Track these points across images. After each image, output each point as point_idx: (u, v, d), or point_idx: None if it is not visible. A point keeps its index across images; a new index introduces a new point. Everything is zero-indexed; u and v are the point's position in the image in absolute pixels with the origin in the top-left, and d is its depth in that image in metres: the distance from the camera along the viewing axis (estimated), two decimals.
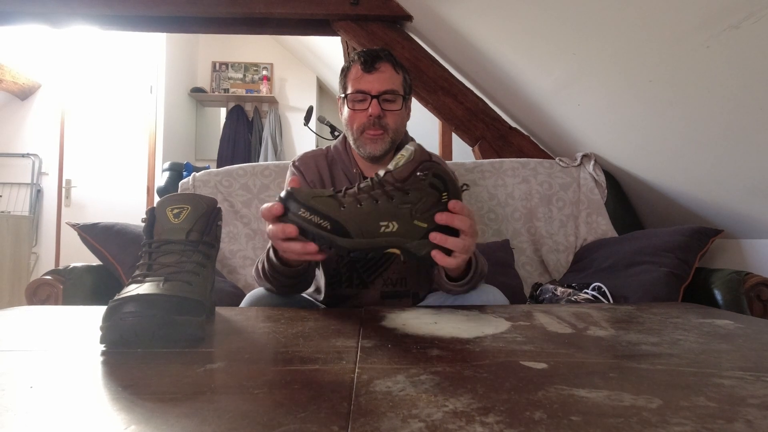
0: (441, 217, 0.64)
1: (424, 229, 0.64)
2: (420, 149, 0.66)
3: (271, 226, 0.65)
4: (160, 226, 0.61)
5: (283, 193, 0.63)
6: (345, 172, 1.07)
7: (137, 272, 0.57)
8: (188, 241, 0.60)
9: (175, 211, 0.61)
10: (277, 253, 0.76)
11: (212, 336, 0.57)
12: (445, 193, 0.65)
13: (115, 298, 0.52)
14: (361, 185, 0.64)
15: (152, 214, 0.62)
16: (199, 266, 0.59)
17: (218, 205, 0.67)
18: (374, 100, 0.97)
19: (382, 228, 0.62)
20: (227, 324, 0.63)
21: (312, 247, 0.63)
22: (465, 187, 0.70)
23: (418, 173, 0.63)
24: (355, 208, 0.62)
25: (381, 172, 0.65)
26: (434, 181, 0.64)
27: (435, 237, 0.64)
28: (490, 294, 0.87)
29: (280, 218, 0.63)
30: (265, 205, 0.64)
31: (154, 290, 0.52)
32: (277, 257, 0.77)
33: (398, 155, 0.66)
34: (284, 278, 0.80)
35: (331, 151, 1.10)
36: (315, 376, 0.41)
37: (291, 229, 0.61)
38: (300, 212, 0.61)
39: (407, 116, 1.07)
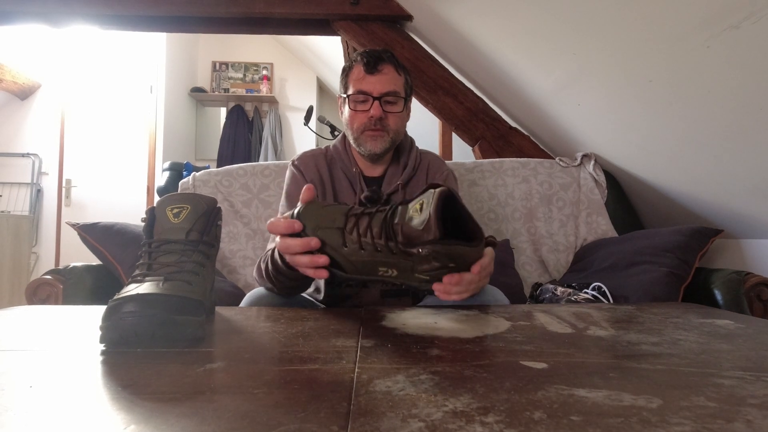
0: (438, 288, 0.60)
1: (425, 280, 0.60)
2: (437, 208, 0.55)
3: (281, 239, 0.65)
4: (160, 225, 0.61)
5: (296, 211, 0.64)
6: (344, 171, 1.07)
7: (137, 272, 0.57)
8: (188, 240, 0.60)
9: (175, 210, 0.61)
10: (284, 259, 0.76)
11: (212, 336, 0.57)
12: (452, 264, 0.58)
13: (115, 297, 0.52)
14: (369, 217, 0.61)
15: (152, 214, 0.62)
16: (198, 266, 0.59)
17: (218, 205, 0.67)
18: (376, 102, 0.97)
19: (381, 272, 0.61)
20: (227, 324, 0.63)
21: (323, 259, 0.62)
22: (491, 239, 0.65)
23: (425, 248, 0.56)
24: (356, 252, 0.61)
25: (395, 218, 0.59)
26: (442, 259, 0.57)
27: (438, 289, 0.60)
28: (490, 294, 0.87)
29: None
30: (278, 220, 0.64)
31: (154, 290, 0.52)
32: (284, 262, 0.77)
33: (417, 202, 0.58)
34: (288, 281, 0.79)
35: (331, 150, 1.11)
36: (315, 375, 0.41)
37: (315, 242, 0.62)
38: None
39: (407, 117, 1.07)
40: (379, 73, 0.98)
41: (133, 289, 0.53)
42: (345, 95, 1.02)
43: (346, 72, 1.03)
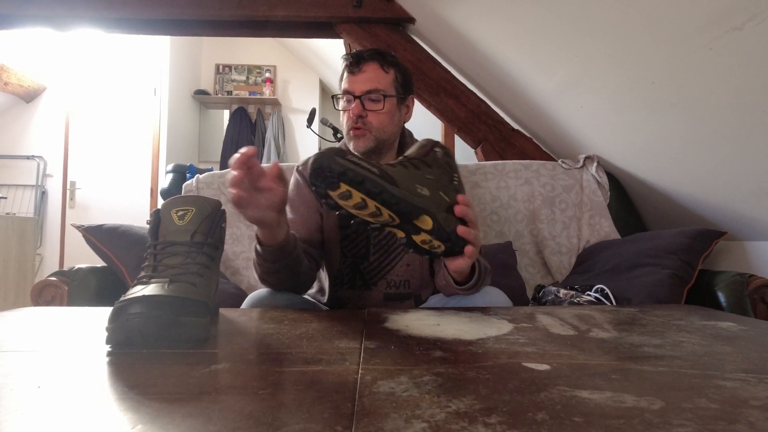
0: (462, 198, 0.70)
1: (447, 202, 0.69)
2: (430, 139, 0.78)
3: (237, 173, 0.66)
4: (165, 227, 0.61)
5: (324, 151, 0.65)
6: None
7: (142, 273, 0.58)
8: (193, 242, 0.61)
9: (180, 212, 0.62)
10: (258, 239, 0.80)
11: (216, 337, 0.57)
12: (456, 175, 0.74)
13: (121, 299, 0.52)
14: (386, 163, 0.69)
15: (157, 216, 0.63)
16: (203, 267, 0.60)
17: (222, 208, 0.67)
18: (357, 101, 0.99)
19: (418, 189, 0.67)
20: (231, 325, 0.64)
21: (251, 150, 0.65)
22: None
23: (435, 149, 0.74)
24: (392, 169, 0.66)
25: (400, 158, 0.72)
26: (448, 160, 0.74)
27: (458, 210, 0.69)
28: (492, 295, 0.87)
29: (323, 163, 0.62)
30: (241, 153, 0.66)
31: (160, 291, 0.53)
32: (258, 242, 0.81)
33: (413, 147, 0.76)
34: (270, 263, 0.82)
35: None
36: (319, 377, 0.42)
37: (252, 150, 0.66)
38: (349, 157, 0.63)
39: (405, 115, 1.07)
40: (361, 72, 1.00)
41: (138, 290, 0.53)
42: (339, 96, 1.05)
43: (340, 74, 1.05)
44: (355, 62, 1.00)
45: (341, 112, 1.04)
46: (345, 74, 1.02)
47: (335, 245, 1.02)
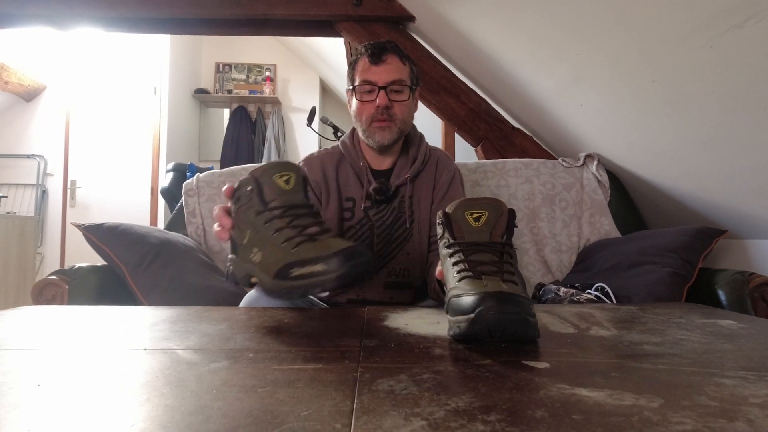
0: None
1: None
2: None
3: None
4: (272, 193, 0.61)
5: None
6: (352, 165, 1.08)
7: (459, 267, 0.56)
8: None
9: (285, 177, 0.62)
10: None
11: (216, 336, 0.57)
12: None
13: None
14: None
15: (258, 183, 0.62)
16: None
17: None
18: (382, 91, 0.98)
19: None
20: (230, 324, 0.64)
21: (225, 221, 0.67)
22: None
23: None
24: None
25: None
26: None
27: None
28: None
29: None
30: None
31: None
32: None
33: None
34: None
35: (339, 146, 1.11)
36: (318, 375, 0.42)
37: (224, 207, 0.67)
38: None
39: (415, 107, 1.07)
40: (384, 63, 0.99)
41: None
42: (352, 87, 1.03)
43: (352, 65, 1.04)
44: (377, 53, 0.99)
45: (357, 103, 1.02)
46: (364, 65, 1.00)
47: None
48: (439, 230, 0.64)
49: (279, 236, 0.59)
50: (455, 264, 0.58)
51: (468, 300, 0.51)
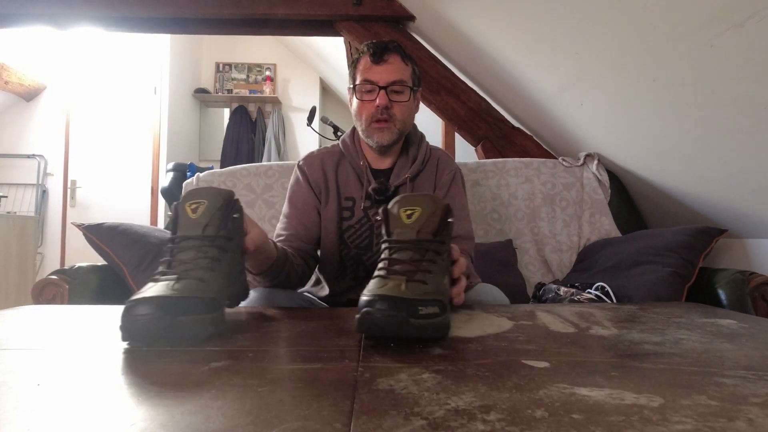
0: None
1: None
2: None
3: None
4: (181, 221, 0.62)
5: None
6: (352, 164, 1.07)
7: (159, 269, 0.58)
8: (204, 236, 0.60)
9: (193, 205, 0.62)
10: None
11: (216, 336, 0.57)
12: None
13: (131, 298, 0.53)
14: None
15: (176, 210, 0.63)
16: (213, 261, 0.59)
17: (235, 197, 0.66)
18: (382, 91, 0.98)
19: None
20: (231, 323, 0.64)
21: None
22: None
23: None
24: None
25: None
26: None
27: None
28: (488, 293, 0.87)
29: None
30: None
31: (164, 292, 0.53)
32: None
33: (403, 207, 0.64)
34: (257, 283, 0.88)
35: (339, 145, 1.11)
36: (318, 374, 0.42)
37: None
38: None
39: (416, 108, 1.07)
40: (385, 62, 0.99)
41: (146, 290, 0.54)
42: (352, 86, 1.03)
43: (354, 64, 1.04)
44: (379, 52, 0.98)
45: (358, 102, 1.01)
46: (365, 64, 1.00)
47: (336, 238, 1.03)
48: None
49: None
50: (380, 261, 0.60)
51: (362, 300, 0.53)
